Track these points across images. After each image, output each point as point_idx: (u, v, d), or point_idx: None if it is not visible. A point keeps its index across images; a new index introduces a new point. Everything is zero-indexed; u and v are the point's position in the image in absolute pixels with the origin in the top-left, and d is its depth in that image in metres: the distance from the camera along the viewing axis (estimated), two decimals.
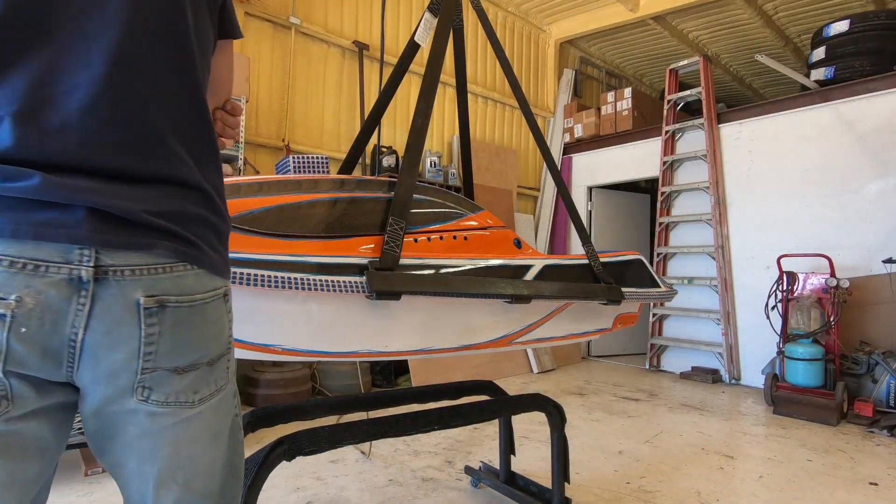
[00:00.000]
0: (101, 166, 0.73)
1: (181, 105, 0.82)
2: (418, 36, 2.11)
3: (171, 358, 0.77)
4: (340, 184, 1.66)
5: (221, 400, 0.87)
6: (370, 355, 1.68)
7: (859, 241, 4.88)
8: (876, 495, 2.80)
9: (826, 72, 5.22)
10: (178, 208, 0.78)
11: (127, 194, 0.73)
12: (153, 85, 0.79)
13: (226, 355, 0.87)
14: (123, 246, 0.72)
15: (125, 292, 0.73)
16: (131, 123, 0.76)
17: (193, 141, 0.83)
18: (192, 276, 0.79)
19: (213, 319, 0.83)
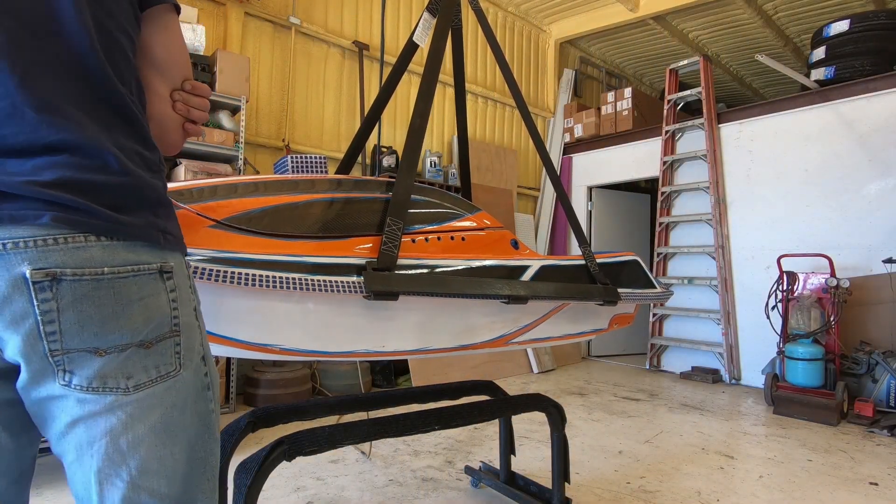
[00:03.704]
0: None
1: (68, 71, 0.75)
2: (417, 36, 2.12)
3: (83, 338, 0.72)
4: (337, 184, 1.66)
5: (171, 389, 0.79)
6: (368, 355, 1.69)
7: (859, 241, 4.88)
8: (876, 495, 2.80)
9: (826, 72, 5.22)
10: (72, 176, 0.71)
11: (13, 168, 0.69)
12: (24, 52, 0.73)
13: (171, 338, 0.79)
14: (5, 219, 0.68)
15: (9, 266, 0.68)
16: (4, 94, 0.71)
17: (95, 106, 0.76)
18: (99, 247, 0.72)
19: (134, 297, 0.75)
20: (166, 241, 0.80)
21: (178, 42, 0.93)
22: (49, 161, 0.70)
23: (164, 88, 0.91)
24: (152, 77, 0.90)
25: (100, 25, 0.78)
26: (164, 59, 0.91)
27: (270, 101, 4.89)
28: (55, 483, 2.60)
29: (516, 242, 2.09)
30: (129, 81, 0.82)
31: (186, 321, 0.82)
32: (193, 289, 0.87)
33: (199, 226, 1.37)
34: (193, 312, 0.85)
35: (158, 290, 0.78)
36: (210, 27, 4.39)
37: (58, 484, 2.60)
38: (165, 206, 0.83)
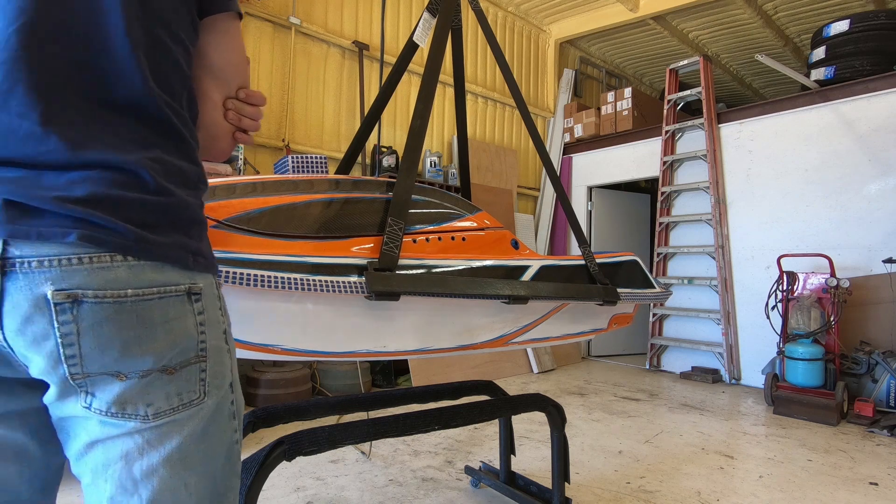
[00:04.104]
0: (20, 155, 0.67)
1: (111, 86, 0.72)
2: (417, 36, 2.12)
3: (104, 362, 0.68)
4: (337, 184, 1.66)
5: (192, 418, 0.75)
6: (369, 355, 1.69)
7: (859, 241, 4.88)
8: (876, 495, 2.80)
9: (826, 72, 5.22)
10: (104, 192, 0.67)
11: (49, 182, 0.66)
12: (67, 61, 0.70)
13: (196, 364, 0.75)
14: (33, 236, 0.65)
15: (32, 286, 0.65)
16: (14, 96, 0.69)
17: (136, 122, 0.73)
18: (125, 268, 0.68)
19: (159, 320, 0.71)
20: (196, 261, 0.76)
21: (237, 49, 0.90)
22: (83, 176, 0.67)
23: (219, 96, 0.89)
24: (207, 84, 0.88)
25: (151, 37, 0.74)
26: (220, 67, 0.88)
27: (270, 100, 4.89)
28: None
29: (516, 242, 2.09)
30: (180, 93, 0.79)
31: (214, 345, 0.78)
32: (224, 311, 0.82)
33: None
34: (223, 336, 0.80)
35: (185, 313, 0.74)
36: None
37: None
38: (199, 226, 0.79)
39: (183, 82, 0.79)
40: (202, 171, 0.82)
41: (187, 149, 0.79)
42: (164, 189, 0.72)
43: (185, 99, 0.80)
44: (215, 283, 0.81)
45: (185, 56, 0.80)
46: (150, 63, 0.74)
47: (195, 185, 0.79)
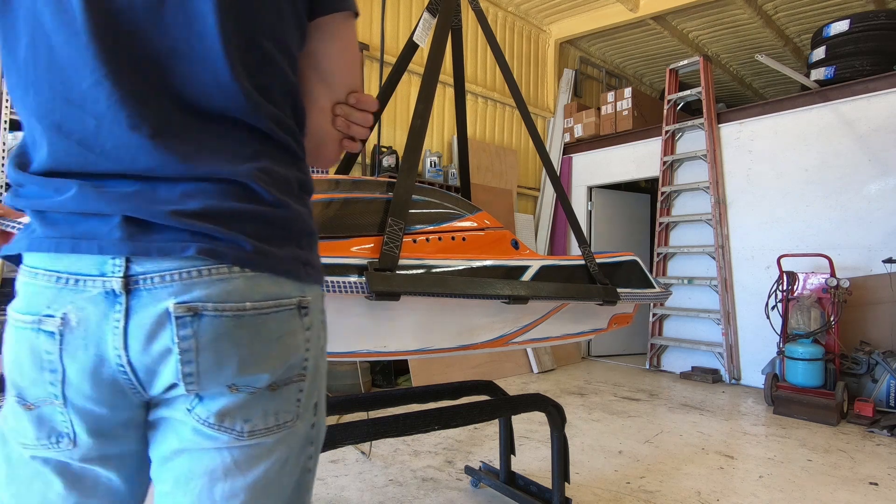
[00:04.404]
0: (133, 168, 0.67)
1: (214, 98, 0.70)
2: (417, 36, 2.12)
3: (220, 380, 0.66)
4: (336, 184, 1.66)
5: (281, 442, 0.70)
6: (369, 355, 1.69)
7: (859, 241, 4.88)
8: (876, 495, 2.80)
9: (826, 72, 5.23)
10: (218, 205, 0.67)
11: (163, 194, 0.66)
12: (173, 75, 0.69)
13: (296, 383, 0.71)
14: (153, 252, 0.64)
15: (155, 301, 0.64)
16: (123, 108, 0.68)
17: (241, 133, 0.71)
18: (243, 279, 0.66)
19: (274, 335, 0.69)
20: (307, 273, 0.73)
21: (350, 52, 0.84)
22: (196, 188, 0.67)
23: (328, 101, 0.84)
24: (318, 89, 0.83)
25: (251, 48, 0.71)
26: (331, 71, 0.83)
27: None
28: None
29: (516, 242, 2.09)
30: (283, 101, 0.75)
31: (315, 364, 0.74)
32: (324, 325, 0.79)
33: None
34: (321, 353, 0.77)
35: (296, 328, 0.71)
36: None
37: None
38: (309, 236, 0.76)
39: (287, 90, 0.76)
40: (310, 180, 0.79)
41: (294, 158, 0.76)
42: (276, 200, 0.70)
43: (290, 106, 0.77)
44: (321, 295, 0.78)
45: (290, 63, 0.76)
46: (250, 74, 0.71)
47: (303, 194, 0.77)
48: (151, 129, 0.66)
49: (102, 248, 0.64)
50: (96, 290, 0.64)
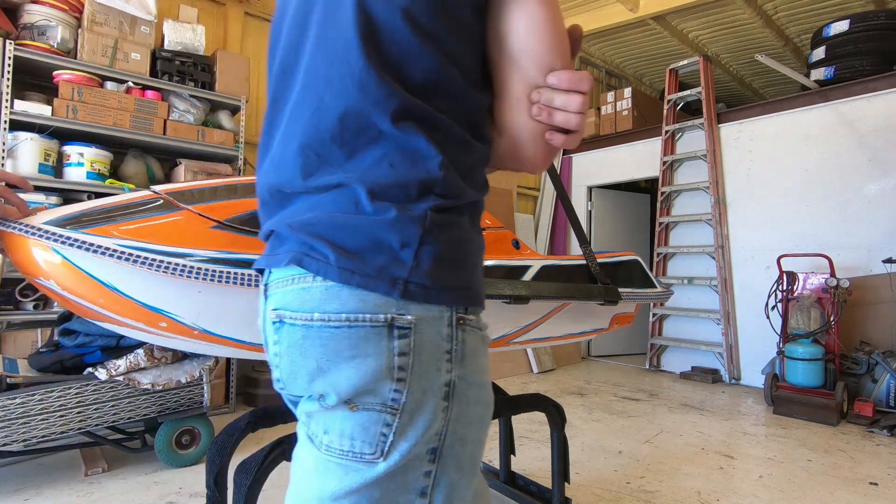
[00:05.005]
0: (277, 190, 0.72)
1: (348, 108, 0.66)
2: None
3: (296, 388, 0.67)
4: None
5: (358, 473, 0.63)
6: None
7: (859, 241, 4.88)
8: (876, 495, 2.80)
9: (826, 72, 5.23)
10: (318, 216, 0.65)
11: (291, 212, 0.69)
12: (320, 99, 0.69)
13: (380, 414, 0.62)
14: (273, 262, 0.68)
15: (269, 306, 0.69)
16: (286, 142, 0.72)
17: (377, 138, 0.65)
18: (321, 289, 0.63)
19: (345, 353, 0.62)
20: (407, 290, 0.62)
21: (542, 23, 0.67)
22: (309, 201, 0.67)
23: (520, 87, 0.70)
24: (509, 75, 0.70)
25: (391, 53, 0.65)
26: (520, 50, 0.68)
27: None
28: (55, 483, 2.60)
29: (517, 242, 2.09)
30: (435, 85, 0.67)
31: (416, 402, 0.63)
32: (457, 358, 0.66)
33: (200, 226, 1.37)
34: (440, 391, 0.64)
35: (379, 351, 0.62)
36: (210, 27, 4.39)
37: (58, 484, 2.60)
38: (414, 244, 0.64)
39: (447, 84, 0.67)
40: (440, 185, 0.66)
41: (423, 161, 0.66)
42: (378, 208, 0.64)
43: (444, 102, 0.67)
44: (449, 319, 0.65)
45: (434, 55, 0.66)
46: (385, 83, 0.64)
47: (420, 195, 0.65)
48: (298, 145, 0.69)
49: (259, 261, 0.73)
50: (261, 293, 0.73)
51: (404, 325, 0.62)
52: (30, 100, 3.27)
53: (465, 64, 0.68)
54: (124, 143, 3.67)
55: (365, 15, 0.64)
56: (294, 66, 0.73)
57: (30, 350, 3.14)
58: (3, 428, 2.31)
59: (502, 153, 0.76)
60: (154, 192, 1.43)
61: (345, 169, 0.66)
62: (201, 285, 1.34)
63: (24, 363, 2.69)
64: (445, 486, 0.65)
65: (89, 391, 2.52)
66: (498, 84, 0.71)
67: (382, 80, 0.64)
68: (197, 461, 2.86)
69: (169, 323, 1.36)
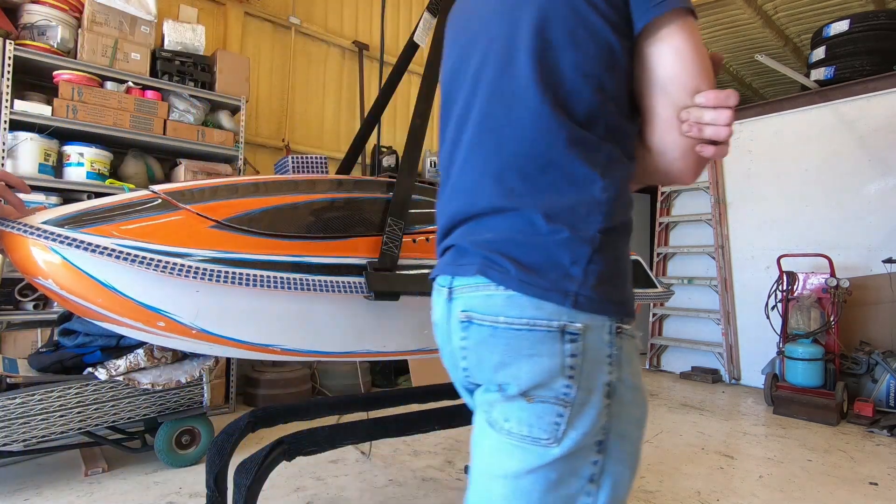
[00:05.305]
0: (459, 212, 0.87)
1: (523, 142, 0.80)
2: (417, 36, 2.12)
3: (482, 376, 0.80)
4: (339, 184, 1.66)
5: (531, 455, 0.74)
6: (369, 355, 1.69)
7: (859, 241, 4.88)
8: (876, 495, 2.80)
9: (826, 72, 5.22)
10: (500, 235, 0.79)
11: (472, 231, 0.84)
12: (496, 135, 0.84)
13: (554, 406, 0.73)
14: (461, 272, 0.83)
15: (457, 307, 0.83)
16: (465, 174, 0.89)
17: (544, 167, 0.78)
18: (503, 298, 0.76)
19: (524, 351, 0.74)
20: (578, 302, 0.73)
21: (685, 54, 0.78)
22: (490, 222, 0.81)
23: (668, 110, 0.79)
24: (655, 99, 0.80)
25: (558, 89, 0.78)
26: (667, 78, 0.79)
27: (270, 101, 4.89)
28: (55, 483, 2.60)
29: None
30: (594, 119, 0.79)
31: (583, 397, 0.73)
32: (618, 361, 0.76)
33: (199, 226, 1.37)
34: (601, 389, 0.74)
35: (552, 352, 0.73)
36: (210, 27, 4.39)
37: (58, 484, 2.60)
38: (584, 260, 0.75)
39: (603, 113, 0.79)
40: (611, 207, 0.77)
41: (588, 186, 0.77)
42: (549, 232, 0.76)
43: (601, 128, 0.79)
44: (609, 328, 0.75)
45: (597, 87, 0.79)
46: (556, 120, 0.78)
47: (593, 222, 0.76)
48: (482, 175, 0.85)
49: (444, 269, 0.88)
50: (443, 296, 0.88)
51: (574, 331, 0.73)
52: (30, 100, 3.27)
53: (618, 97, 0.81)
54: (124, 143, 3.66)
55: (541, 66, 0.79)
56: (468, 111, 0.89)
57: (30, 350, 3.14)
58: (3, 428, 2.31)
59: (653, 169, 0.86)
60: (152, 191, 1.43)
61: (520, 194, 0.79)
62: (199, 285, 1.34)
63: (24, 363, 2.69)
64: (611, 475, 0.76)
65: (89, 391, 2.52)
66: (647, 109, 0.82)
67: (554, 117, 0.78)
68: (197, 461, 2.87)
69: (167, 322, 1.36)
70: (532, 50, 0.80)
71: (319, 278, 1.41)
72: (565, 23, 0.79)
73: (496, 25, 0.86)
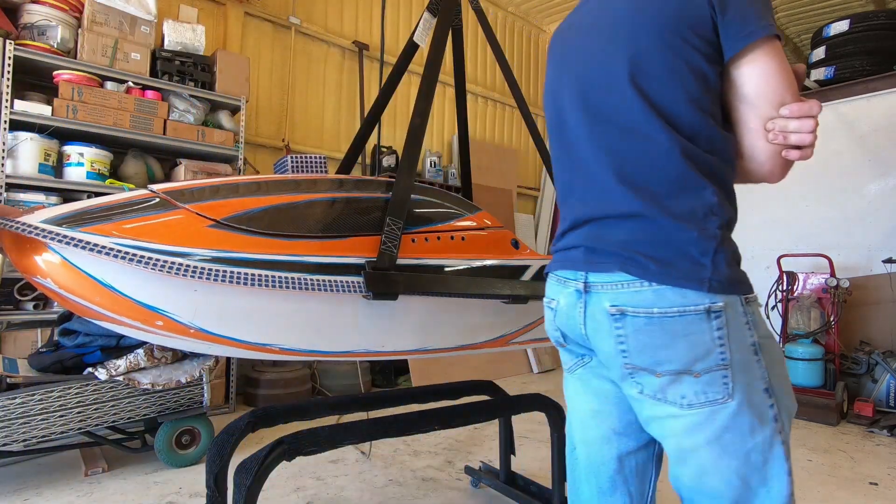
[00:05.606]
0: (591, 216, 1.03)
1: (642, 158, 0.96)
2: (417, 36, 2.12)
3: (643, 359, 0.94)
4: (339, 184, 1.66)
5: (718, 413, 0.91)
6: (368, 355, 1.69)
7: (859, 241, 4.87)
8: (876, 495, 2.80)
9: (826, 72, 5.22)
10: (636, 237, 0.94)
11: (602, 233, 1.00)
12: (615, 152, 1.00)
13: (718, 371, 0.90)
14: (597, 269, 0.98)
15: (600, 301, 0.98)
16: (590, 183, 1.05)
17: (665, 177, 0.94)
18: (651, 292, 0.92)
19: (679, 333, 0.90)
20: (711, 286, 0.90)
21: (771, 74, 0.93)
22: (624, 224, 0.97)
23: (756, 121, 0.94)
24: (743, 111, 0.96)
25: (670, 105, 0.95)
26: (755, 95, 0.93)
27: (270, 101, 4.89)
28: (55, 483, 2.60)
29: (517, 242, 2.09)
30: (698, 135, 0.94)
31: (739, 359, 0.91)
32: (753, 325, 0.93)
33: (197, 225, 1.37)
34: (751, 348, 0.92)
35: (703, 330, 0.90)
36: (210, 27, 4.39)
37: (58, 484, 2.60)
38: (716, 255, 0.92)
39: (704, 128, 0.95)
40: (722, 207, 0.95)
41: (701, 191, 0.94)
42: (676, 231, 0.92)
43: (702, 139, 0.94)
44: (740, 303, 0.93)
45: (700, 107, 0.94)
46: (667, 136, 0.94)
47: (711, 219, 0.94)
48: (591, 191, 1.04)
49: (575, 266, 1.03)
50: (573, 288, 1.03)
51: (717, 309, 0.90)
52: (30, 100, 3.27)
53: (714, 113, 0.96)
54: (124, 143, 3.67)
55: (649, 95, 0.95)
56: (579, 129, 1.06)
57: (30, 350, 3.14)
58: (3, 428, 2.31)
59: (745, 171, 1.03)
60: (151, 190, 1.43)
61: (646, 201, 0.94)
62: (197, 284, 1.34)
63: (24, 363, 2.69)
64: (785, 409, 0.95)
65: (89, 391, 2.52)
66: (737, 121, 0.97)
67: (668, 137, 0.93)
68: (197, 461, 2.87)
69: (165, 322, 1.36)
70: (635, 80, 0.96)
71: (318, 278, 1.41)
72: (665, 57, 0.94)
73: (601, 56, 1.03)
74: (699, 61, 0.93)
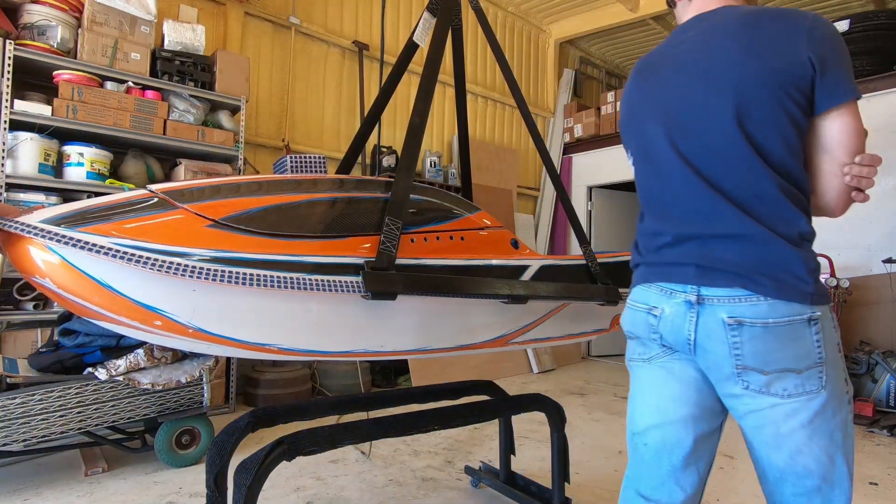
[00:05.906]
0: (696, 234, 1.17)
1: (747, 190, 1.12)
2: (417, 36, 2.12)
3: (754, 362, 1.09)
4: (339, 184, 1.66)
5: (812, 400, 1.09)
6: (367, 355, 1.68)
7: (859, 241, 4.87)
8: (876, 495, 2.80)
9: None
10: (748, 257, 1.10)
11: (712, 252, 1.14)
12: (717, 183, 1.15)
13: (815, 368, 1.09)
14: (714, 284, 1.12)
15: (715, 312, 1.12)
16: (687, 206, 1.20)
17: (767, 208, 1.11)
18: (766, 305, 1.08)
19: (788, 339, 1.08)
20: (812, 298, 1.08)
21: (849, 130, 1.14)
22: (734, 245, 1.12)
23: (832, 166, 1.14)
24: (819, 157, 1.15)
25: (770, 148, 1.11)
26: (833, 145, 1.14)
27: (270, 101, 4.89)
28: (55, 483, 2.60)
29: (516, 242, 2.09)
30: (790, 174, 1.12)
31: (830, 356, 1.10)
32: (836, 327, 1.14)
33: (196, 225, 1.37)
34: (836, 347, 1.13)
35: (806, 335, 1.08)
36: (210, 27, 4.39)
37: (58, 484, 2.60)
38: (812, 272, 1.10)
39: (792, 167, 1.12)
40: (809, 231, 1.13)
41: (797, 219, 1.11)
42: (783, 251, 1.09)
43: (791, 177, 1.12)
44: (829, 308, 1.12)
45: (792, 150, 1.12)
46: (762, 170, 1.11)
47: (804, 242, 1.12)
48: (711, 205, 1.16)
49: (686, 280, 1.17)
50: (682, 299, 1.17)
51: (816, 318, 1.09)
52: (30, 100, 3.27)
53: (800, 155, 1.14)
54: (124, 143, 3.67)
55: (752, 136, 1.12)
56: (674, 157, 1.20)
57: (30, 350, 3.14)
58: (3, 428, 2.31)
59: (814, 205, 1.18)
60: (150, 190, 1.43)
61: (753, 226, 1.11)
62: (196, 284, 1.34)
63: (24, 363, 2.69)
64: (852, 392, 1.17)
65: (89, 391, 2.52)
66: (814, 164, 1.16)
67: (767, 174, 1.11)
68: (197, 461, 2.87)
69: (163, 321, 1.36)
70: (741, 122, 1.12)
71: (317, 278, 1.41)
72: (770, 106, 1.11)
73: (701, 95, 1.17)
74: (797, 112, 1.11)
